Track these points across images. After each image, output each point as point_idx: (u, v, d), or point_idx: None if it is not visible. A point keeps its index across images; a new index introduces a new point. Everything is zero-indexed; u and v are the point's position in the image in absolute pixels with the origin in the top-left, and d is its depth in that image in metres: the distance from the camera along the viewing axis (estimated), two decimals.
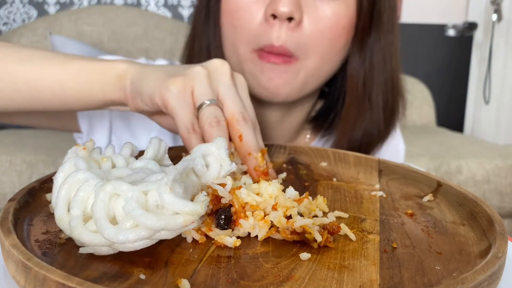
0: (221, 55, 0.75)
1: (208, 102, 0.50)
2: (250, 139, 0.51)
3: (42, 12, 2.22)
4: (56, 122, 0.78)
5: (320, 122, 0.82)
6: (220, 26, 0.73)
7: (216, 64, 0.53)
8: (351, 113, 0.76)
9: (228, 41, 0.72)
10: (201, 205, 0.35)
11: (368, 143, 0.76)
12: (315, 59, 0.69)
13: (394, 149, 0.87)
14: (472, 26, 2.46)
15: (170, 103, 0.50)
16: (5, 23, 2.19)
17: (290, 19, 0.65)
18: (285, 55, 0.68)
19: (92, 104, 0.59)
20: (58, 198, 0.37)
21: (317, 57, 0.69)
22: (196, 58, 0.78)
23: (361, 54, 0.73)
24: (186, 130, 0.50)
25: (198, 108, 0.51)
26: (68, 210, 0.37)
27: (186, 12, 2.31)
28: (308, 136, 0.84)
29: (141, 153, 0.47)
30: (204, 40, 0.76)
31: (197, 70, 0.52)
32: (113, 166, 0.43)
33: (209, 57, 0.76)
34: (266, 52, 0.68)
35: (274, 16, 0.66)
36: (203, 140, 0.50)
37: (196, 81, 0.51)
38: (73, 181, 0.37)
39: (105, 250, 0.35)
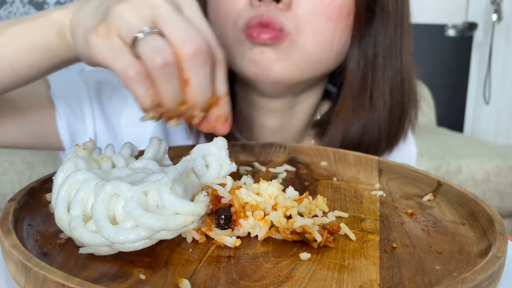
0: None
1: (141, 34, 0.40)
2: (199, 86, 0.41)
3: None
4: (35, 139, 0.70)
5: (323, 126, 0.77)
6: (208, 14, 0.69)
7: None
8: (345, 107, 0.71)
9: (215, 29, 0.66)
10: (201, 205, 0.35)
11: (368, 144, 0.72)
12: (309, 38, 0.64)
13: (407, 155, 0.82)
14: (472, 26, 2.46)
15: (104, 61, 0.42)
16: None
17: (277, 0, 0.61)
18: (273, 29, 0.61)
19: (49, 69, 0.53)
20: (58, 198, 0.37)
21: (312, 36, 0.64)
22: None
23: (362, 44, 0.69)
24: (126, 79, 0.40)
25: (133, 45, 0.40)
26: (68, 210, 0.37)
27: None
28: (312, 141, 0.81)
29: (141, 153, 0.47)
30: None
31: (117, 7, 0.41)
32: (113, 166, 0.43)
33: None
34: (254, 27, 0.62)
35: None
36: (152, 84, 0.41)
37: (118, 19, 0.41)
38: (73, 181, 0.37)
39: (105, 250, 0.35)
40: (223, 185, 0.40)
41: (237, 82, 0.75)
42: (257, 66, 0.64)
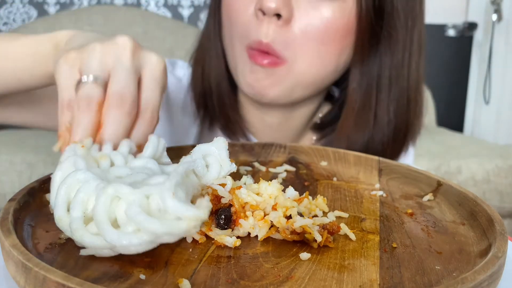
0: (219, 48, 0.75)
1: (88, 78, 0.44)
2: (109, 130, 0.43)
3: (42, 12, 2.22)
4: (44, 118, 0.75)
5: (325, 128, 0.80)
6: (220, 18, 0.74)
7: (118, 39, 0.47)
8: (346, 125, 0.73)
9: (226, 34, 0.73)
10: (204, 210, 0.35)
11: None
12: (304, 62, 0.67)
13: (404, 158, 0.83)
14: (472, 26, 2.46)
15: (56, 77, 0.47)
16: (5, 23, 2.19)
17: (278, 16, 0.65)
18: (272, 55, 0.67)
19: (46, 79, 0.58)
20: (57, 198, 0.37)
21: (307, 60, 0.67)
22: (198, 51, 0.79)
23: (365, 65, 0.70)
24: (60, 105, 0.45)
25: (78, 84, 0.45)
26: (68, 211, 0.36)
27: (186, 12, 2.31)
28: (313, 139, 0.83)
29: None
30: (206, 32, 0.77)
31: (93, 45, 0.46)
32: (112, 164, 0.42)
33: (208, 49, 0.76)
34: (255, 49, 0.67)
35: (263, 12, 0.65)
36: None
37: (87, 55, 0.45)
38: (72, 181, 0.37)
39: (106, 253, 0.35)
40: (223, 185, 0.40)
41: None
42: (253, 90, 0.69)
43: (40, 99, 0.73)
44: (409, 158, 0.85)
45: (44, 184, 0.44)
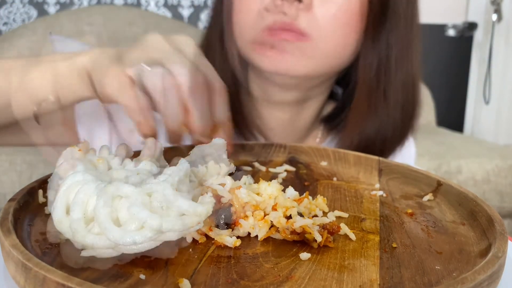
0: (232, 41, 0.74)
1: (146, 66, 0.47)
2: (198, 114, 0.46)
3: (42, 12, 2.21)
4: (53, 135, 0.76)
5: (331, 122, 0.82)
6: (232, 10, 0.72)
7: (147, 38, 0.50)
8: (360, 106, 0.74)
9: (238, 25, 0.71)
10: (207, 206, 0.35)
11: (382, 141, 0.74)
12: (329, 43, 0.68)
13: (406, 156, 0.85)
14: (472, 26, 2.46)
15: (112, 95, 0.48)
16: (5, 23, 2.19)
17: (298, 0, 0.65)
18: (296, 31, 0.66)
19: (72, 102, 0.58)
20: (56, 201, 0.36)
21: (332, 41, 0.68)
22: (206, 52, 0.78)
23: (375, 44, 0.72)
24: (130, 111, 0.47)
25: (137, 77, 0.47)
26: (67, 213, 0.36)
27: (186, 12, 2.30)
28: (319, 136, 0.84)
29: (135, 153, 0.47)
30: (217, 26, 0.76)
31: (129, 52, 0.49)
32: (109, 167, 0.42)
33: (221, 45, 0.75)
34: (277, 28, 0.66)
35: None
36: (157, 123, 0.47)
37: (129, 61, 0.48)
38: (71, 183, 0.37)
39: (108, 253, 0.35)
40: (222, 185, 0.40)
41: (252, 71, 0.76)
42: (277, 66, 0.68)
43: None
44: (411, 150, 0.87)
45: (44, 184, 0.44)
